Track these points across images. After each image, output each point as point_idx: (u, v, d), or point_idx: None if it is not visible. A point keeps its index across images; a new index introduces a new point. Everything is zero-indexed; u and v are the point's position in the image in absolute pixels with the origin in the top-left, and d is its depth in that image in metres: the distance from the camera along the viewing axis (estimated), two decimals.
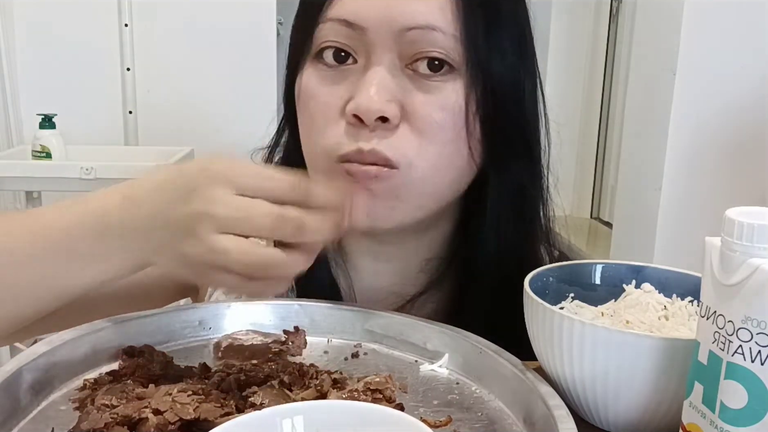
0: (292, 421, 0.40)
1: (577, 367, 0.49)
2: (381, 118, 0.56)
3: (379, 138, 0.57)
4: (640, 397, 0.48)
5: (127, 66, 2.15)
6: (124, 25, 2.12)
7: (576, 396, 0.50)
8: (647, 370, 0.47)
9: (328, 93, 0.59)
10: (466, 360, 0.55)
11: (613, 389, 0.48)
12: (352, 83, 0.58)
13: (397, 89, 0.57)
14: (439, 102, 0.58)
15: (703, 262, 0.43)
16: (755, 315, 0.39)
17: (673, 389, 0.47)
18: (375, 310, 0.62)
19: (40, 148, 1.93)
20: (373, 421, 0.40)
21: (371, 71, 0.57)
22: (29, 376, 0.48)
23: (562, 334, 0.48)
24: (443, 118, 0.58)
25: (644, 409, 0.48)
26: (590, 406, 0.50)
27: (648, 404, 0.48)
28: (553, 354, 0.50)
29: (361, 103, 0.56)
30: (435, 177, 0.60)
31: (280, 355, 0.58)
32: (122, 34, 2.13)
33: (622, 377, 0.47)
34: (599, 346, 0.47)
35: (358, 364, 0.57)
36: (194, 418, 0.44)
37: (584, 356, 0.48)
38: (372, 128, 0.57)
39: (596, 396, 0.49)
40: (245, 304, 0.62)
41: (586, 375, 0.48)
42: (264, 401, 0.47)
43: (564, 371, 0.50)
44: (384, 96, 0.56)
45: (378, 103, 0.56)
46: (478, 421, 0.49)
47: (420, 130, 0.58)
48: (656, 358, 0.46)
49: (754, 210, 0.41)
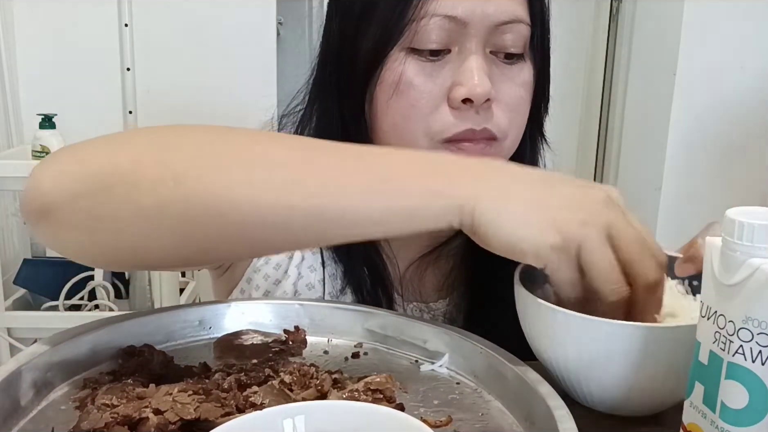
0: (293, 421, 0.40)
1: (561, 352, 0.52)
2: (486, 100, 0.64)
3: (484, 118, 0.65)
4: (618, 381, 0.51)
5: (127, 66, 2.15)
6: (124, 25, 2.12)
7: (563, 378, 0.54)
8: (623, 356, 0.49)
9: (427, 83, 0.64)
10: (466, 360, 0.55)
11: (593, 373, 0.51)
12: (450, 71, 0.64)
13: (489, 73, 0.64)
14: (518, 81, 0.67)
15: (704, 262, 0.43)
16: (756, 315, 0.39)
17: (649, 372, 0.49)
18: (375, 310, 0.62)
19: (40, 148, 1.93)
20: (373, 421, 0.40)
21: (471, 60, 0.64)
22: (29, 376, 0.48)
23: (547, 322, 0.52)
24: (521, 96, 0.68)
25: (623, 392, 0.51)
26: (575, 387, 0.53)
27: (626, 388, 0.51)
28: (540, 340, 0.54)
29: (473, 88, 0.63)
30: (516, 144, 0.70)
31: (280, 355, 0.58)
32: (122, 34, 2.13)
33: (600, 362, 0.50)
34: (580, 334, 0.50)
35: (358, 364, 0.57)
36: (194, 418, 0.44)
37: (567, 343, 0.51)
38: (477, 110, 0.64)
39: (580, 378, 0.52)
40: (245, 304, 0.62)
41: (569, 359, 0.52)
42: (264, 401, 0.47)
43: (550, 356, 0.53)
44: (487, 81, 0.63)
45: (485, 87, 0.63)
46: (478, 421, 0.49)
47: (508, 107, 0.66)
48: (629, 344, 0.49)
49: (754, 210, 0.41)
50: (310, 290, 0.73)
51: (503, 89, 0.66)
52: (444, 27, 0.63)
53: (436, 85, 0.64)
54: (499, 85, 0.65)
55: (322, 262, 0.74)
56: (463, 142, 0.65)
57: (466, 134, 0.65)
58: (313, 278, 0.73)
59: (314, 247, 0.67)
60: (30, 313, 1.91)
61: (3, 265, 1.91)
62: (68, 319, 1.78)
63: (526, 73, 0.67)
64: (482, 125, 0.64)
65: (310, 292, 0.73)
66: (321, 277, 0.73)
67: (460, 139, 0.65)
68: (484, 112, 0.64)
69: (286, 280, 0.73)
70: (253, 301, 0.63)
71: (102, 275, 1.90)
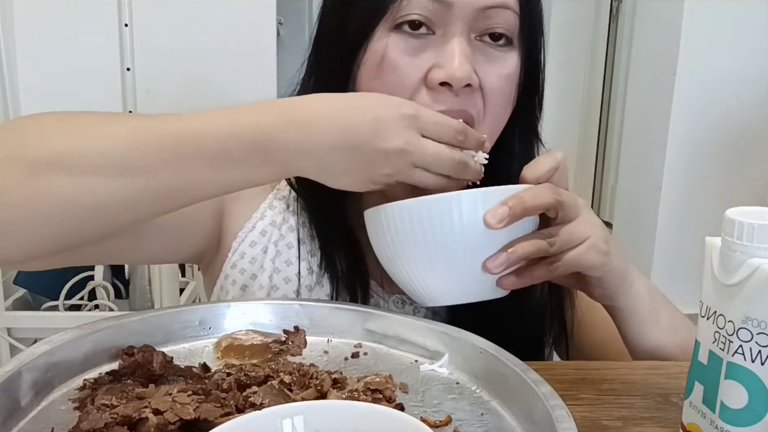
0: (292, 421, 0.40)
1: (395, 250, 0.58)
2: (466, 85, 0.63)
3: (464, 101, 0.65)
4: (442, 263, 0.57)
5: (127, 66, 2.15)
6: (124, 25, 2.12)
7: (404, 278, 0.60)
8: (434, 233, 0.56)
9: (410, 62, 0.64)
10: (466, 360, 0.55)
11: (420, 260, 0.57)
12: (432, 53, 0.64)
13: (472, 58, 0.64)
14: (502, 70, 0.66)
15: (703, 262, 0.43)
16: (755, 315, 0.39)
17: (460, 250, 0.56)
18: (375, 310, 0.62)
19: None
20: (373, 421, 0.40)
21: (454, 42, 0.63)
22: (29, 376, 0.48)
23: (378, 224, 0.59)
24: (505, 85, 0.66)
25: (450, 274, 0.58)
26: (414, 284, 0.59)
27: (453, 268, 0.57)
28: (381, 249, 0.60)
29: (452, 71, 0.62)
30: (494, 133, 0.68)
31: (280, 355, 0.58)
32: (122, 34, 2.12)
33: (418, 244, 0.57)
34: (398, 221, 0.57)
35: (358, 364, 0.57)
36: (194, 418, 0.44)
37: (395, 237, 0.57)
38: (456, 93, 0.64)
39: (411, 270, 0.58)
40: (245, 304, 0.62)
41: (400, 254, 0.58)
42: (264, 401, 0.47)
43: (390, 259, 0.59)
44: (467, 65, 0.63)
45: (465, 71, 0.62)
46: (478, 421, 0.49)
47: (487, 94, 0.65)
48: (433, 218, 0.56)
49: (754, 210, 0.41)
50: (287, 284, 0.73)
51: (487, 77, 0.65)
52: (428, 7, 0.63)
53: (416, 67, 0.64)
54: (482, 72, 0.65)
55: (298, 256, 0.74)
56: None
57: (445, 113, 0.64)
58: (290, 272, 0.73)
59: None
60: (30, 313, 1.91)
61: None
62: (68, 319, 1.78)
63: (512, 62, 0.67)
64: (460, 107, 0.64)
65: (287, 285, 0.73)
66: (297, 270, 0.73)
67: None
68: (464, 96, 0.64)
69: (262, 273, 0.73)
70: (253, 301, 0.63)
71: (102, 275, 1.90)
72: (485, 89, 0.65)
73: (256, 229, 0.75)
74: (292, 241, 0.75)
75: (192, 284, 2.09)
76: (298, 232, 0.75)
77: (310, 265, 0.74)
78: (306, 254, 0.74)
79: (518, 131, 0.72)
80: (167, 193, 0.56)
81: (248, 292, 0.74)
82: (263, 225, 0.75)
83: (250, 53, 2.14)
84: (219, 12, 2.11)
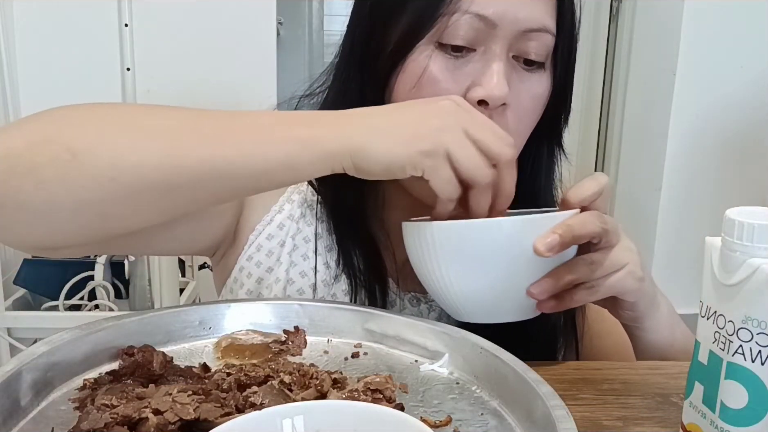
0: (292, 421, 0.40)
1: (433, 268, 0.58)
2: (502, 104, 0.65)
3: (496, 121, 0.63)
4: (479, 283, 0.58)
5: (127, 66, 2.15)
6: (124, 25, 2.12)
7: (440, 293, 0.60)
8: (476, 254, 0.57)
9: (450, 79, 0.65)
10: (466, 360, 0.55)
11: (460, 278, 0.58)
12: (472, 71, 0.65)
13: (507, 77, 0.65)
14: (533, 90, 0.67)
15: (703, 262, 0.43)
16: (755, 315, 0.39)
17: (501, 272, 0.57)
18: (375, 310, 0.62)
19: None
20: (373, 421, 0.40)
21: (494, 62, 0.64)
22: (29, 376, 0.48)
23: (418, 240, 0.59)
24: (534, 105, 0.68)
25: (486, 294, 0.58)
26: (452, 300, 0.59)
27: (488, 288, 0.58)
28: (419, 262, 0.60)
29: (491, 90, 0.63)
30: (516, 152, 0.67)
31: (280, 355, 0.58)
32: (122, 34, 2.12)
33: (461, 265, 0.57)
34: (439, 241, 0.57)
35: (358, 364, 0.57)
36: (194, 418, 0.44)
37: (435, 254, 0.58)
38: (491, 113, 0.64)
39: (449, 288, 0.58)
40: (245, 304, 0.62)
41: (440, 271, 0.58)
42: (264, 401, 0.47)
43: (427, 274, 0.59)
44: (506, 86, 0.64)
45: (504, 91, 0.64)
46: (478, 421, 0.49)
47: (518, 115, 0.66)
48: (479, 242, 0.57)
49: (754, 210, 0.41)
50: (303, 278, 0.73)
51: (518, 96, 0.66)
52: (473, 25, 0.63)
53: (457, 83, 0.65)
54: (515, 91, 0.65)
55: (315, 251, 0.74)
56: None
57: None
58: (306, 266, 0.74)
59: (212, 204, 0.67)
60: (30, 313, 1.91)
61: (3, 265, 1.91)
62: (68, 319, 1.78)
63: (543, 84, 0.68)
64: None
65: (303, 279, 0.73)
66: (314, 265, 0.73)
67: None
68: (497, 116, 0.64)
69: (278, 267, 0.74)
70: (253, 301, 0.63)
71: (102, 275, 1.90)
72: (514, 107, 0.66)
73: (274, 222, 0.75)
74: (309, 235, 0.75)
75: (192, 284, 2.09)
76: (316, 227, 0.75)
77: (327, 260, 0.74)
78: (323, 249, 0.75)
79: (545, 145, 0.73)
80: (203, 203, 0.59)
81: (263, 285, 0.74)
82: (281, 218, 0.76)
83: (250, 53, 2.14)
84: (219, 12, 2.11)
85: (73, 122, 0.56)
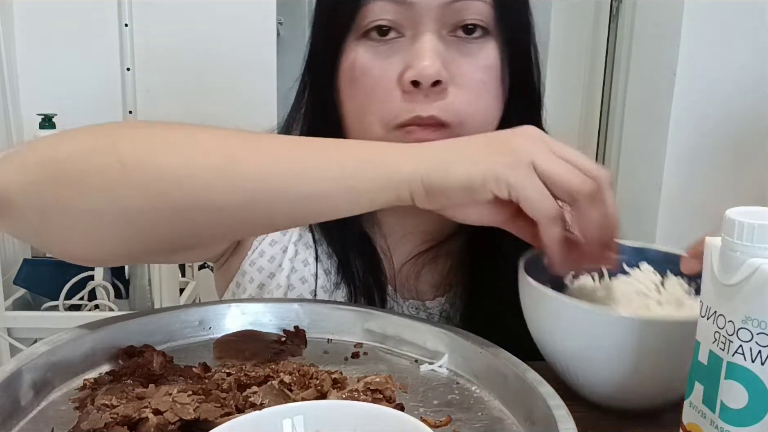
0: (292, 421, 0.40)
1: (559, 341, 0.52)
2: (435, 83, 0.62)
3: (434, 102, 0.62)
4: (614, 373, 0.51)
5: (127, 66, 2.15)
6: (124, 25, 2.12)
7: (562, 368, 0.54)
8: (617, 346, 0.49)
9: (381, 67, 0.64)
10: (466, 360, 0.55)
11: (590, 364, 0.52)
12: (404, 55, 0.63)
13: (445, 56, 0.63)
14: (480, 63, 0.64)
15: (703, 262, 0.43)
16: (755, 315, 0.39)
17: (648, 366, 0.49)
18: (375, 310, 0.62)
19: None
20: (373, 421, 0.40)
21: (422, 40, 0.62)
22: (29, 376, 0.48)
23: (546, 310, 0.52)
24: (485, 78, 0.65)
25: (619, 383, 0.51)
26: (578, 378, 0.54)
27: (623, 379, 0.51)
28: (541, 328, 0.54)
29: (420, 69, 0.61)
30: (480, 130, 0.64)
31: (279, 355, 0.58)
32: (122, 34, 2.12)
33: (596, 353, 0.50)
34: (575, 323, 0.50)
35: (358, 364, 0.57)
36: (194, 418, 0.44)
37: (564, 331, 0.51)
38: (426, 93, 0.62)
39: (576, 369, 0.53)
40: (245, 304, 0.62)
41: (567, 349, 0.52)
42: (264, 401, 0.47)
43: (551, 345, 0.53)
44: (437, 62, 0.61)
45: (434, 67, 0.61)
46: (478, 421, 0.49)
47: (467, 91, 0.64)
48: (626, 336, 0.49)
49: (754, 210, 0.41)
50: (303, 284, 0.73)
51: (462, 71, 0.63)
52: (389, 10, 0.62)
53: (388, 71, 0.63)
54: (457, 67, 0.63)
55: (316, 257, 0.74)
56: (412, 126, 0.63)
57: (414, 121, 0.63)
58: (306, 272, 0.74)
59: (266, 231, 0.66)
60: (30, 313, 1.90)
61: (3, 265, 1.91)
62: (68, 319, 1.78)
63: (491, 54, 0.65)
64: (429, 112, 0.62)
65: (303, 285, 0.73)
66: (314, 271, 0.73)
67: (408, 125, 0.63)
68: (434, 95, 0.62)
69: (279, 273, 0.74)
70: (253, 301, 0.63)
71: (102, 275, 1.90)
72: (464, 85, 0.63)
73: None
74: (310, 241, 0.75)
75: (192, 284, 2.09)
76: (314, 233, 0.75)
77: (327, 267, 0.74)
78: (323, 255, 0.74)
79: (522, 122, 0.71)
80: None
81: (265, 290, 0.74)
82: None
83: (250, 53, 2.14)
84: (219, 12, 2.11)
85: (127, 135, 0.54)
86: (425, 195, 0.51)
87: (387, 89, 0.63)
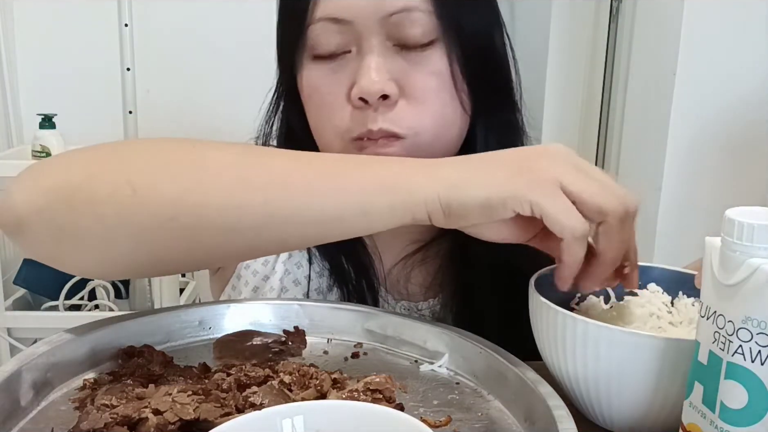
0: (292, 421, 0.40)
1: (580, 365, 0.49)
2: (382, 97, 0.62)
3: (383, 115, 0.63)
4: (639, 397, 0.48)
5: (127, 66, 2.15)
6: (124, 25, 2.12)
7: (578, 393, 0.51)
8: (647, 369, 0.47)
9: (330, 84, 0.64)
10: (466, 360, 0.55)
11: (613, 388, 0.49)
12: (351, 71, 0.63)
13: (392, 68, 0.63)
14: (428, 70, 0.64)
15: (703, 262, 0.43)
16: (755, 315, 0.39)
17: (674, 390, 0.47)
18: (375, 310, 0.62)
19: (40, 148, 1.92)
20: (373, 421, 0.40)
21: (366, 57, 0.62)
22: (29, 376, 0.48)
23: (566, 332, 0.49)
24: (435, 84, 0.64)
25: (644, 409, 0.49)
26: (592, 404, 0.51)
27: (647, 404, 0.48)
28: (557, 351, 0.51)
29: (364, 86, 0.61)
30: (441, 137, 0.65)
31: (279, 355, 0.58)
32: (122, 34, 2.13)
33: (622, 376, 0.48)
34: (601, 345, 0.47)
35: (358, 364, 0.57)
36: (194, 418, 0.44)
37: (586, 355, 0.48)
38: (375, 107, 0.62)
39: (598, 394, 0.50)
40: (245, 304, 0.62)
41: (588, 373, 0.49)
42: (264, 401, 0.47)
43: (567, 369, 0.50)
44: (383, 76, 0.62)
45: (379, 83, 0.61)
46: (478, 421, 0.49)
47: (418, 100, 0.64)
48: (656, 358, 0.46)
49: (754, 210, 0.41)
50: (296, 286, 0.73)
51: (413, 81, 0.63)
52: (331, 29, 0.63)
53: (338, 87, 0.64)
54: (407, 77, 0.63)
55: (309, 259, 0.74)
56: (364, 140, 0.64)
57: (366, 134, 0.63)
58: (300, 275, 0.74)
59: (278, 251, 0.66)
60: (30, 313, 1.91)
61: (3, 265, 1.91)
62: (68, 319, 1.78)
63: (437, 61, 0.64)
64: (378, 125, 0.62)
65: (296, 288, 0.73)
66: (307, 273, 0.74)
67: (360, 138, 0.64)
68: (384, 109, 0.62)
69: (273, 275, 0.74)
70: (253, 301, 0.63)
71: None
72: (415, 95, 0.63)
73: None
74: None
75: (192, 284, 2.09)
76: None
77: (320, 269, 0.74)
78: (316, 258, 0.74)
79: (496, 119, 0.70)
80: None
81: (259, 293, 0.74)
82: None
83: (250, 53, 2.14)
84: (219, 12, 2.11)
85: (136, 156, 0.54)
86: (443, 216, 0.50)
87: (338, 105, 0.64)
